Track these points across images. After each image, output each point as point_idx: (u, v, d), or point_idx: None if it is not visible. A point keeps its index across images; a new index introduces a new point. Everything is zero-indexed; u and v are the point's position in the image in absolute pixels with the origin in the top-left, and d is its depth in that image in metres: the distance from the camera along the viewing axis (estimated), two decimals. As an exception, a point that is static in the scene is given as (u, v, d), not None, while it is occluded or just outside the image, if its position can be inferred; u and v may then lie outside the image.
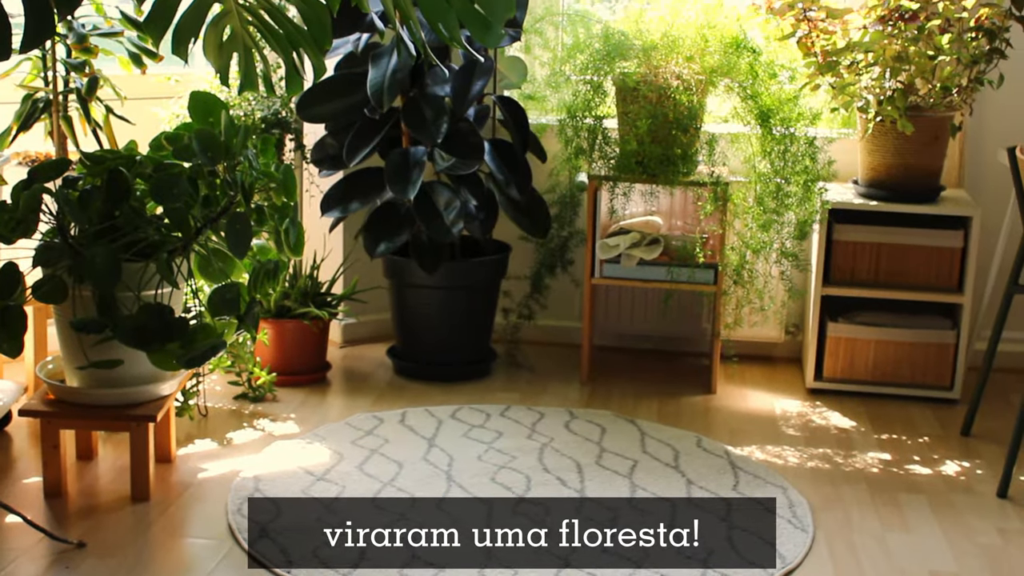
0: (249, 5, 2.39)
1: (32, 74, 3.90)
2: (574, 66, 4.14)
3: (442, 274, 4.11)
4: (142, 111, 4.19)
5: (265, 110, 4.17)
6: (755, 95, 3.97)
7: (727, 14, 4.08)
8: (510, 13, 2.08)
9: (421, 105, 3.93)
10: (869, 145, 4.08)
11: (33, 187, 3.03)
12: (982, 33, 3.91)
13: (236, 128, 3.19)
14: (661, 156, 4.01)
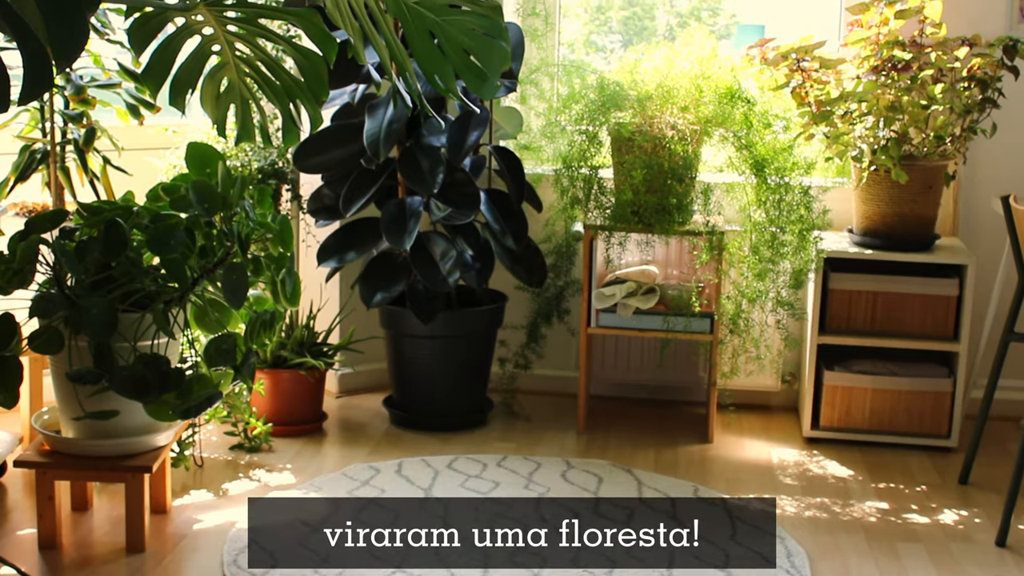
0: (246, 57, 2.41)
1: (30, 125, 3.92)
2: (569, 116, 4.16)
3: (438, 324, 4.11)
4: (139, 162, 4.21)
5: (262, 161, 4.19)
6: (750, 145, 3.99)
7: (721, 65, 4.11)
8: (505, 65, 2.09)
9: (417, 156, 3.95)
10: (864, 194, 4.09)
11: (30, 238, 3.04)
12: (974, 83, 3.93)
13: (233, 179, 3.20)
14: (657, 206, 4.02)
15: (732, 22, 5.05)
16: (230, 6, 2.26)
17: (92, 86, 3.85)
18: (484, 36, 2.08)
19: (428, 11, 2.07)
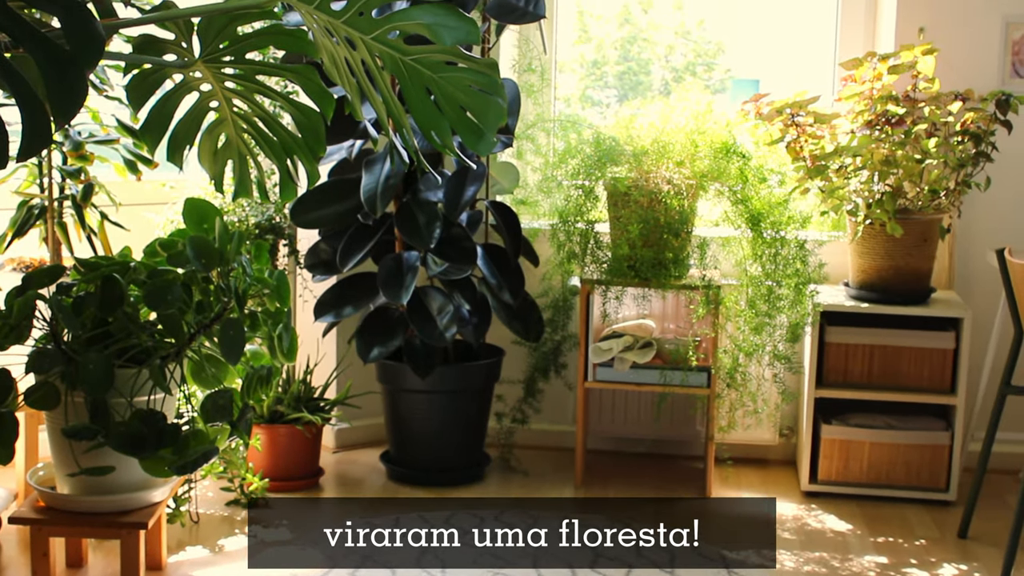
0: (244, 113, 2.42)
1: (28, 180, 3.93)
2: (566, 171, 4.18)
3: (435, 379, 4.11)
4: (137, 217, 4.22)
5: (259, 216, 4.20)
6: (745, 199, 4.00)
7: (716, 120, 4.13)
8: (502, 121, 2.10)
9: (414, 211, 3.96)
10: (859, 248, 4.11)
11: (27, 293, 3.04)
12: (968, 137, 3.96)
13: (230, 234, 3.21)
14: (653, 260, 4.03)
15: (727, 77, 5.08)
16: (228, 63, 2.28)
17: (90, 142, 3.87)
18: (480, 93, 2.09)
19: (425, 68, 2.08)
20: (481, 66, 2.08)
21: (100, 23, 1.81)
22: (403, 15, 2.04)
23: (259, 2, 2.11)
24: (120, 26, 2.32)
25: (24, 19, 1.78)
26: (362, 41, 2.07)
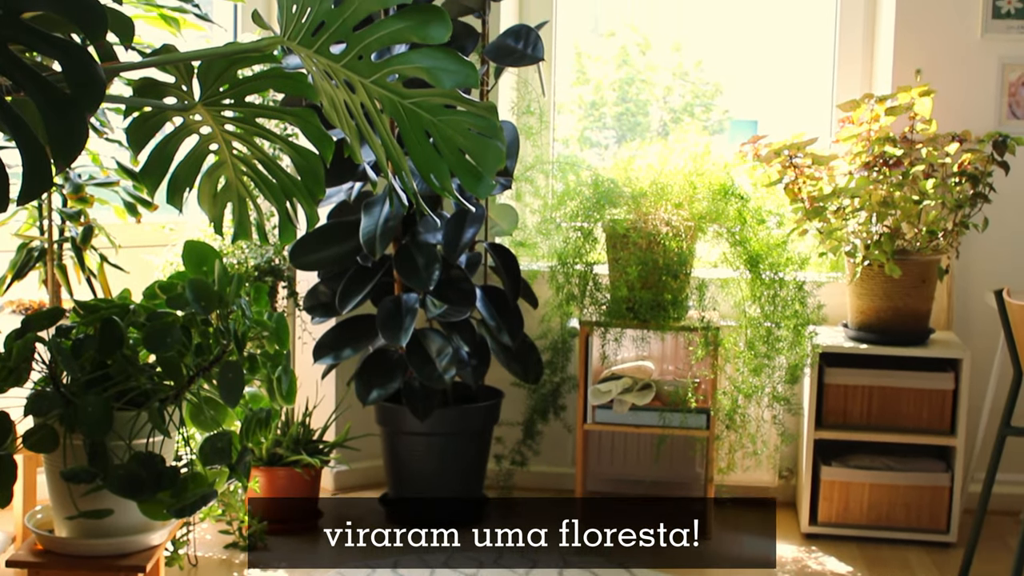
0: (243, 156, 2.43)
1: (28, 223, 3.94)
2: (564, 213, 4.19)
3: (434, 421, 4.10)
4: (136, 259, 4.22)
5: (258, 258, 4.20)
6: (744, 240, 4.01)
7: (714, 162, 4.14)
8: (501, 164, 2.11)
9: (413, 253, 3.97)
10: (858, 289, 4.11)
11: (26, 336, 3.04)
12: (965, 178, 3.97)
13: (229, 277, 3.21)
14: (652, 302, 4.04)
15: (725, 118, 5.10)
16: (228, 106, 2.29)
17: (90, 184, 3.88)
18: (479, 136, 2.10)
19: (424, 111, 2.09)
20: (480, 110, 2.09)
21: (101, 67, 1.82)
22: (402, 59, 2.05)
23: (259, 46, 2.12)
24: (121, 69, 2.33)
25: (25, 62, 1.79)
26: (361, 84, 2.08)
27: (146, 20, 3.58)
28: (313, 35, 2.06)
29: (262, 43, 2.12)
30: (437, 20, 1.99)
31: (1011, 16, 4.34)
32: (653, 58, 5.24)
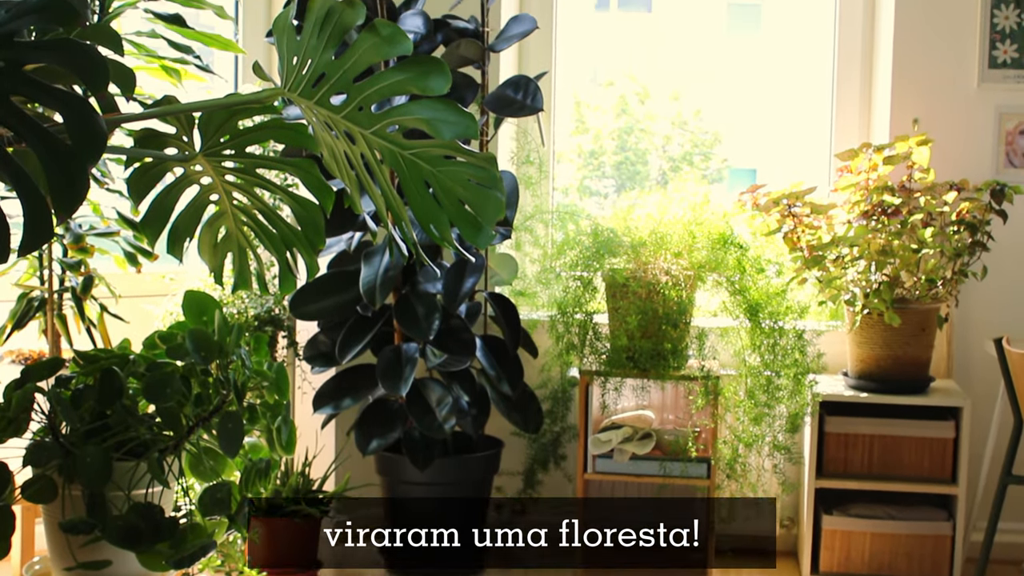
0: (243, 206, 2.44)
1: (28, 273, 3.94)
2: (564, 263, 4.20)
3: (434, 470, 4.09)
4: (136, 309, 4.22)
5: (258, 308, 4.21)
6: (743, 289, 4.01)
7: (713, 211, 4.16)
8: (500, 215, 2.12)
9: (413, 302, 3.97)
10: (857, 337, 4.11)
11: (26, 386, 3.04)
12: (964, 227, 3.98)
13: (229, 327, 3.21)
14: (652, 351, 4.04)
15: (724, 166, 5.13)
16: (228, 156, 2.30)
17: (91, 234, 3.89)
18: (479, 187, 2.11)
19: (424, 162, 2.10)
20: (479, 160, 2.10)
21: (102, 118, 1.84)
22: (402, 110, 2.06)
23: (260, 97, 2.14)
24: (122, 121, 2.35)
25: (27, 114, 1.80)
26: (361, 135, 2.09)
27: (147, 71, 3.60)
28: (314, 86, 2.08)
29: (263, 95, 2.13)
30: (437, 72, 2.00)
31: (1007, 66, 4.37)
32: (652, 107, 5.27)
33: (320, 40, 2.05)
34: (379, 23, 2.05)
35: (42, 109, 2.38)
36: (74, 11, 1.89)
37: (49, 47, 1.84)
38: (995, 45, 4.37)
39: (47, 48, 1.85)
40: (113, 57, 2.15)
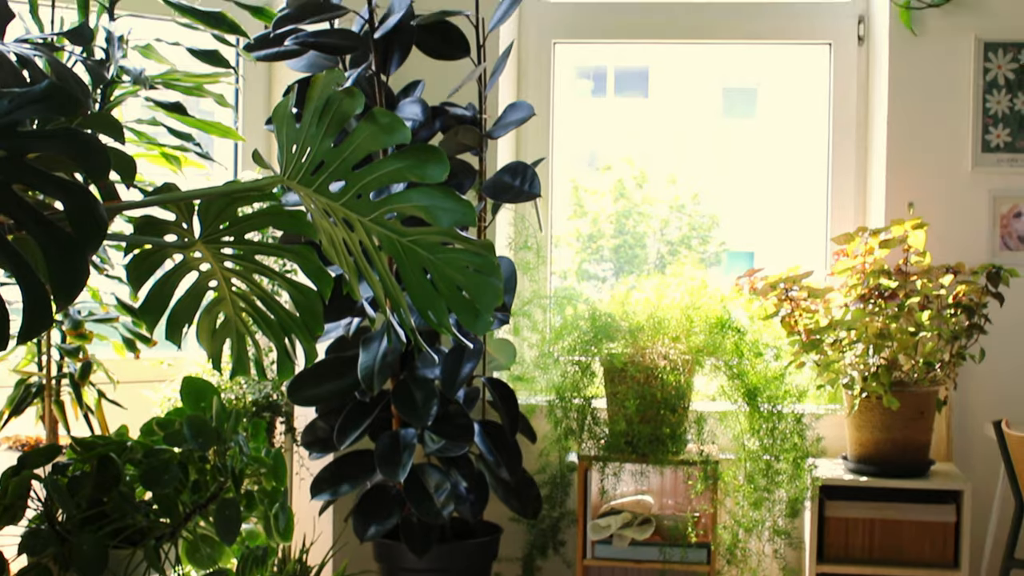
0: (242, 292, 2.44)
1: (26, 359, 3.94)
2: (562, 347, 4.20)
3: (433, 557, 4.06)
4: (134, 395, 4.21)
5: (256, 393, 4.20)
6: (741, 373, 4.02)
7: (711, 295, 4.17)
8: (498, 302, 2.12)
9: (411, 388, 3.97)
10: (856, 421, 4.10)
11: (23, 473, 3.03)
12: (961, 309, 3.99)
13: (227, 413, 3.21)
14: (650, 436, 4.03)
15: (721, 249, 5.15)
16: (228, 243, 2.31)
17: (90, 320, 3.89)
18: (476, 273, 2.12)
19: (422, 249, 2.11)
20: (477, 247, 2.11)
21: (103, 206, 1.85)
22: (400, 197, 2.08)
23: (259, 185, 2.15)
24: (123, 208, 2.36)
25: (28, 202, 1.81)
26: (360, 223, 2.11)
27: (148, 158, 3.63)
28: (313, 174, 2.09)
29: (262, 183, 2.15)
30: (435, 160, 2.02)
31: (1000, 150, 4.41)
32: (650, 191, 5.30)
33: (319, 128, 2.07)
34: (378, 112, 2.07)
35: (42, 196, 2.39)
36: (76, 101, 1.91)
37: (51, 137, 1.86)
38: (988, 129, 4.41)
39: (49, 138, 1.86)
40: (114, 145, 2.17)
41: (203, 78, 3.55)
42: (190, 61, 3.58)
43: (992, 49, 4.42)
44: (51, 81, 1.92)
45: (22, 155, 1.84)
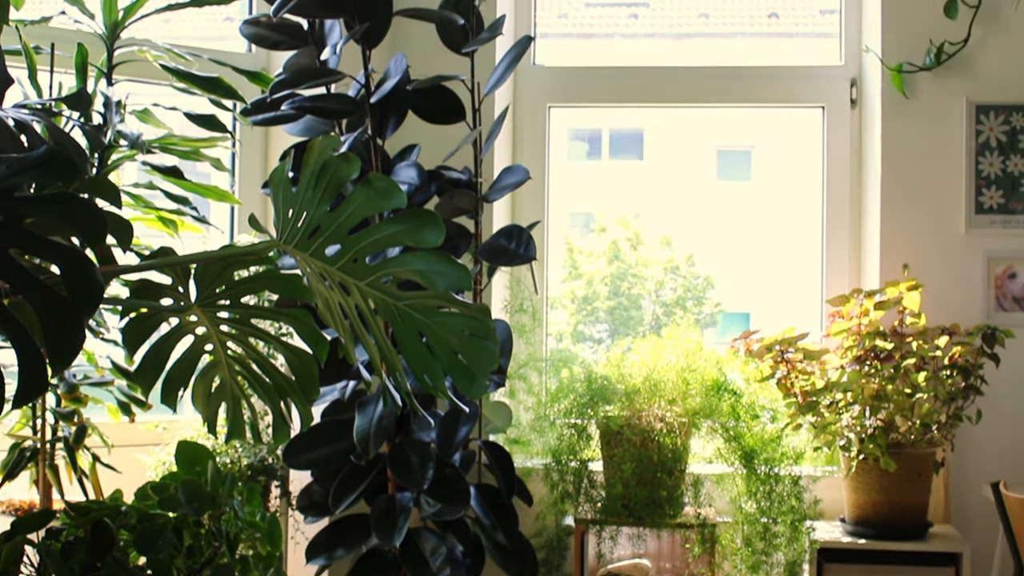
0: (238, 356, 2.44)
1: (21, 423, 3.92)
2: (558, 410, 4.19)
3: (428, 621, 4.03)
4: (128, 458, 4.20)
5: (251, 457, 4.18)
6: (738, 436, 4.01)
7: (706, 357, 4.17)
8: (494, 365, 2.12)
9: (407, 452, 3.95)
10: (854, 483, 4.09)
11: (16, 539, 3.01)
12: (957, 371, 3.99)
13: (222, 477, 3.20)
14: (647, 499, 4.01)
15: (717, 311, 5.15)
16: (224, 307, 2.31)
17: (85, 384, 3.88)
18: (473, 337, 2.12)
19: (418, 313, 2.11)
20: (473, 311, 2.11)
21: (100, 270, 1.85)
22: (397, 261, 2.08)
23: (255, 250, 2.16)
24: (119, 272, 2.36)
25: (24, 267, 1.81)
26: (356, 287, 2.11)
27: (145, 222, 3.64)
28: (309, 238, 2.10)
29: (259, 247, 2.15)
30: (431, 225, 2.03)
31: (993, 211, 4.43)
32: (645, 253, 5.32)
33: (316, 193, 2.08)
34: (374, 177, 2.08)
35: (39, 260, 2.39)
36: (74, 166, 1.92)
37: (48, 202, 1.86)
38: (981, 191, 4.43)
39: (46, 203, 1.87)
40: (111, 209, 2.18)
41: (200, 142, 3.57)
42: (187, 125, 3.60)
43: (984, 111, 4.46)
44: (49, 147, 1.93)
45: (20, 220, 1.85)
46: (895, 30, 4.51)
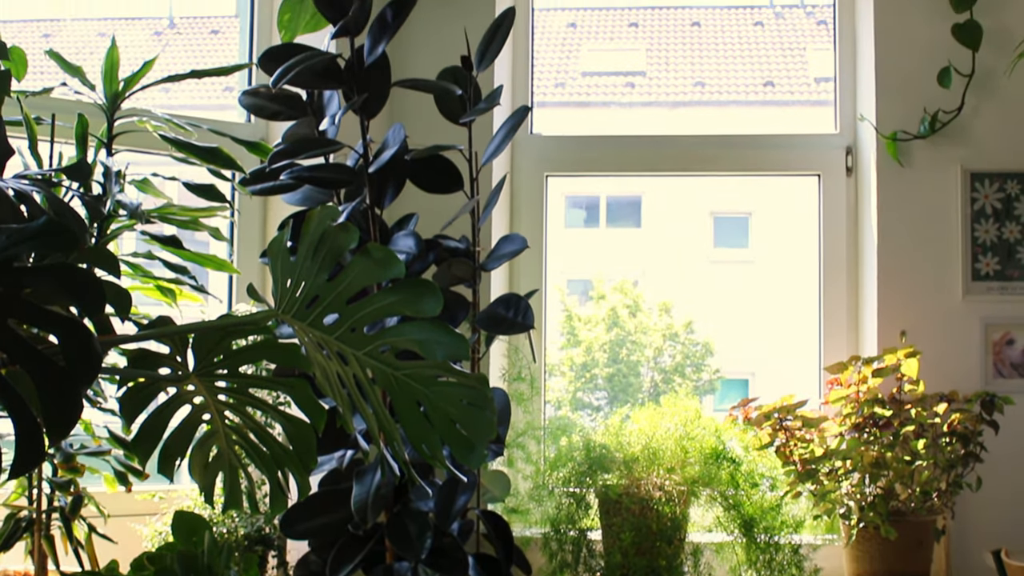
0: (235, 425, 2.44)
1: (16, 492, 3.91)
2: (557, 479, 4.18)
3: None
4: (124, 528, 4.18)
5: (248, 527, 4.16)
6: (737, 504, 3.99)
7: (705, 425, 4.16)
8: (492, 435, 2.12)
9: (405, 521, 3.94)
10: (854, 551, 4.07)
11: (11, 611, 2.99)
12: (956, 438, 3.99)
13: (219, 548, 3.18)
14: (646, 568, 3.99)
15: (716, 377, 5.15)
16: (221, 376, 2.31)
17: (82, 453, 3.87)
18: (470, 407, 2.12)
19: (416, 382, 2.11)
20: (471, 381, 2.11)
21: (98, 340, 1.85)
22: (395, 331, 2.09)
23: (254, 319, 2.16)
24: (117, 342, 2.36)
25: (22, 337, 1.82)
26: (354, 356, 2.11)
27: (143, 291, 3.65)
28: (307, 308, 2.10)
29: (257, 316, 2.16)
30: (430, 295, 2.04)
31: (990, 278, 4.44)
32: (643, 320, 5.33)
33: (314, 263, 2.09)
34: (372, 247, 2.09)
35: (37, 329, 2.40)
36: (74, 236, 1.92)
37: (47, 272, 1.87)
38: (977, 258, 4.45)
39: (45, 273, 1.87)
40: (109, 279, 2.18)
41: (199, 212, 3.59)
42: (186, 195, 3.62)
43: (978, 179, 4.48)
44: (49, 217, 1.94)
45: (18, 290, 1.85)
46: (889, 99, 4.55)
